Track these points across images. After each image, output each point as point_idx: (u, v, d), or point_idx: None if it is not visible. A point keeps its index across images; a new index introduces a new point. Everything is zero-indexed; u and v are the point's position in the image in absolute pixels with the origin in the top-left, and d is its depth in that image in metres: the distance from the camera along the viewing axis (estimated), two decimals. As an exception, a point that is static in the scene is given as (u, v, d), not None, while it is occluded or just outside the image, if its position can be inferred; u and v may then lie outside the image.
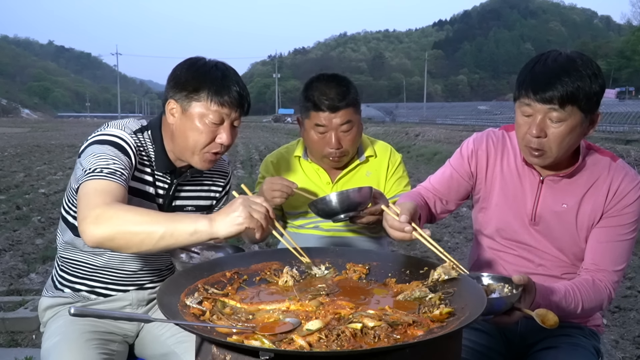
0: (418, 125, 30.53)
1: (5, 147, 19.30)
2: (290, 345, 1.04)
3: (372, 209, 1.84)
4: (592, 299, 1.55)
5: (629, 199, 1.58)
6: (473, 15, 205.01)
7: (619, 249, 1.59)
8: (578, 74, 1.44)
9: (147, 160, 1.68)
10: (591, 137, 11.40)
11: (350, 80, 2.04)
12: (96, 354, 1.58)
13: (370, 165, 2.13)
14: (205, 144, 1.61)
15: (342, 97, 1.93)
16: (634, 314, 3.96)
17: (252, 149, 19.49)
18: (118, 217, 1.34)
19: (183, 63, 1.65)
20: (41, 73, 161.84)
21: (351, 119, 1.96)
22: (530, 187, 1.67)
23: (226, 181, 1.93)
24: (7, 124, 52.43)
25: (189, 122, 1.59)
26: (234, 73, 1.65)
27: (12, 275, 4.60)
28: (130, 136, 1.62)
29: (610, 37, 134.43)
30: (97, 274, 1.77)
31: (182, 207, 1.80)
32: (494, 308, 1.34)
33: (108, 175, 1.46)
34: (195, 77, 1.59)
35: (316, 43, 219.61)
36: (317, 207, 1.82)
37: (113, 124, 1.65)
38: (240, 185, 1.73)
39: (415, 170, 12.99)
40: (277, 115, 70.25)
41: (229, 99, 1.58)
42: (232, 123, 1.63)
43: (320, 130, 1.96)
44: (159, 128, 1.70)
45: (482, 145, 1.77)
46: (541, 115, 1.48)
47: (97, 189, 1.43)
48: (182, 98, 1.60)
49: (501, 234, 1.74)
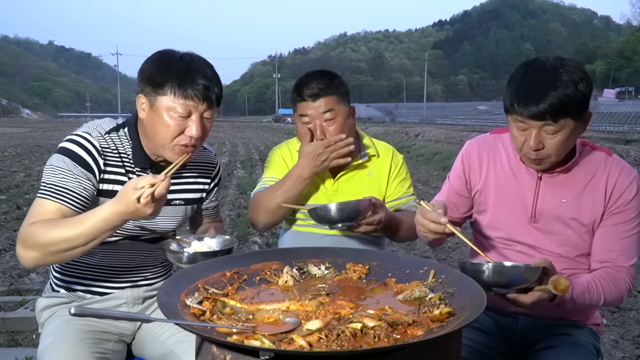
0: (418, 125, 30.55)
1: (6, 147, 19.30)
2: (290, 345, 1.04)
3: (369, 219, 1.85)
4: (613, 291, 1.59)
5: (628, 194, 1.60)
6: (473, 16, 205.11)
7: (628, 244, 1.63)
8: (564, 84, 1.46)
9: (118, 160, 1.66)
10: (591, 138, 11.42)
11: (337, 74, 2.06)
12: (89, 353, 1.57)
13: (372, 165, 2.13)
14: (174, 136, 1.58)
15: (324, 85, 1.96)
16: (633, 314, 3.96)
17: (252, 149, 19.49)
18: (40, 239, 1.44)
19: (151, 57, 1.63)
20: (41, 73, 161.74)
21: (333, 108, 1.96)
22: (529, 185, 1.68)
23: (214, 173, 1.93)
24: (7, 124, 52.38)
25: (156, 116, 1.58)
26: (202, 64, 1.61)
27: (13, 275, 4.60)
28: (97, 139, 1.62)
29: (610, 37, 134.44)
30: (91, 273, 1.77)
31: (170, 201, 1.78)
32: (510, 279, 1.35)
33: (53, 195, 1.53)
34: (160, 71, 1.57)
35: (316, 43, 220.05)
36: (317, 214, 1.83)
37: (86, 126, 1.66)
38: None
39: (415, 170, 12.99)
40: (277, 115, 70.25)
41: (193, 92, 1.55)
42: (202, 115, 1.60)
43: (305, 120, 1.98)
44: (135, 124, 1.69)
45: (473, 152, 1.80)
46: (536, 129, 1.51)
47: (34, 208, 1.53)
48: (150, 92, 1.58)
49: (500, 235, 1.75)
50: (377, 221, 1.86)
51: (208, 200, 1.93)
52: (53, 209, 1.52)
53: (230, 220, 6.88)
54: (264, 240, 5.80)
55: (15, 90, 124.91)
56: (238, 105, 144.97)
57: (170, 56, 1.61)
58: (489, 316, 1.80)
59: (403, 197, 2.13)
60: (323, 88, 1.96)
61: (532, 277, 1.37)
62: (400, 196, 2.13)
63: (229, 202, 8.14)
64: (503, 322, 1.79)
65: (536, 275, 1.37)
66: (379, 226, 1.88)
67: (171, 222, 1.81)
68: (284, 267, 1.48)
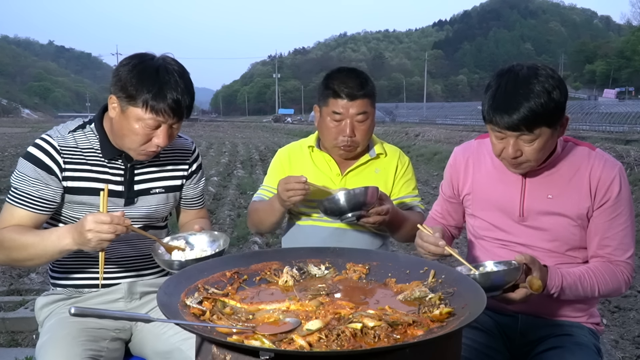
0: (418, 125, 30.56)
1: (6, 147, 19.31)
2: (290, 345, 1.04)
3: (378, 208, 1.86)
4: (609, 282, 1.62)
5: (615, 187, 1.62)
6: (473, 16, 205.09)
7: (623, 237, 1.65)
8: (537, 94, 1.48)
9: (80, 157, 1.71)
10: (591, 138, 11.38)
11: (368, 75, 2.09)
12: (82, 351, 1.58)
13: (379, 162, 2.16)
14: (140, 144, 1.66)
15: (361, 87, 1.99)
16: (633, 314, 3.96)
17: (252, 149, 19.50)
18: (6, 243, 1.60)
19: (128, 61, 1.65)
20: (41, 73, 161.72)
21: (367, 110, 2.01)
22: (515, 185, 1.71)
23: (192, 158, 1.95)
24: (7, 124, 52.37)
25: (125, 122, 1.63)
26: (177, 75, 1.63)
27: (13, 275, 4.59)
28: (56, 139, 1.69)
29: (610, 37, 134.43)
30: (86, 265, 1.79)
31: (149, 190, 1.82)
32: (494, 283, 1.43)
33: (17, 201, 1.66)
34: (134, 83, 1.59)
35: (316, 43, 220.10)
36: (325, 206, 1.85)
37: (53, 129, 1.76)
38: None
39: (415, 170, 12.96)
40: (277, 116, 70.33)
41: (164, 108, 1.60)
42: (171, 126, 1.66)
43: (337, 117, 2.00)
44: (101, 120, 1.75)
45: (459, 159, 1.87)
46: (513, 138, 1.55)
47: (4, 213, 1.67)
48: (122, 98, 1.62)
49: (493, 235, 1.78)
50: (385, 211, 1.88)
51: (187, 186, 1.95)
52: (18, 216, 1.66)
53: (231, 220, 6.88)
54: (264, 240, 5.80)
55: (15, 90, 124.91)
56: (238, 105, 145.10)
57: (146, 67, 1.62)
58: (489, 316, 1.80)
59: (407, 196, 2.15)
60: (362, 90, 1.99)
61: (514, 277, 1.45)
62: (404, 195, 2.15)
63: (229, 202, 8.14)
64: (503, 322, 1.79)
65: (517, 274, 1.45)
66: (387, 216, 1.89)
67: (155, 211, 1.84)
68: (284, 267, 1.48)
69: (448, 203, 1.94)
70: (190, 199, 1.99)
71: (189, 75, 1.69)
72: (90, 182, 1.71)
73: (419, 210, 2.13)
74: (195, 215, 2.03)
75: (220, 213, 7.22)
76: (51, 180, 1.67)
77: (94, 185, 1.71)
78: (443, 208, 1.97)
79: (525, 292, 1.47)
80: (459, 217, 1.95)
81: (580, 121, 25.75)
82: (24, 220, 1.65)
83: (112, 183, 1.73)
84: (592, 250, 1.68)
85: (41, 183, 1.66)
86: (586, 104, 34.79)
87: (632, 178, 9.32)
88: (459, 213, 1.94)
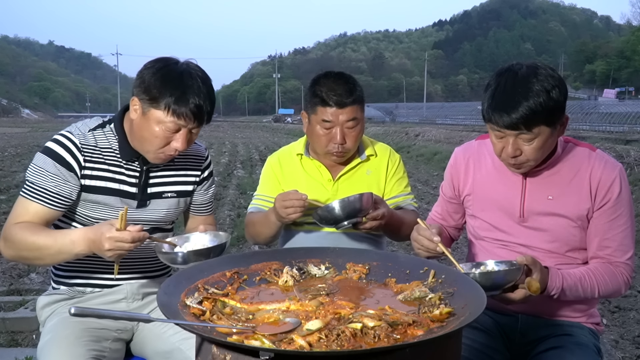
0: (418, 125, 30.53)
1: (6, 147, 19.30)
2: (290, 345, 1.04)
3: (374, 214, 1.85)
4: (608, 283, 1.63)
5: (615, 188, 1.62)
6: (473, 16, 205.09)
7: (623, 239, 1.65)
8: (536, 93, 1.49)
9: (99, 156, 1.71)
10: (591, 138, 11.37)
11: (356, 79, 2.07)
12: (85, 351, 1.58)
13: (370, 164, 2.14)
14: (159, 147, 1.66)
15: (350, 93, 1.96)
16: (633, 314, 3.96)
17: (252, 149, 19.50)
18: (18, 241, 1.59)
19: (152, 64, 1.66)
20: (41, 73, 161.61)
21: (357, 117, 1.99)
22: (515, 185, 1.71)
23: (204, 165, 1.96)
24: (7, 124, 52.36)
25: (146, 124, 1.64)
26: (201, 82, 1.64)
27: (13, 275, 4.60)
28: (77, 137, 1.68)
29: (610, 37, 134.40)
30: (90, 264, 1.79)
31: (161, 194, 1.82)
32: (494, 282, 1.44)
33: (33, 195, 1.64)
34: (157, 86, 1.60)
35: (316, 43, 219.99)
36: (320, 215, 1.83)
37: (72, 125, 1.75)
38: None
39: (415, 170, 13.00)
40: (277, 116, 70.28)
41: (186, 112, 1.61)
42: (190, 130, 1.67)
43: (327, 125, 1.98)
44: (121, 120, 1.75)
45: (459, 160, 1.86)
46: (512, 137, 1.55)
47: (17, 207, 1.66)
48: (144, 100, 1.63)
49: (493, 236, 1.78)
50: (380, 215, 1.87)
51: (198, 192, 1.95)
52: (33, 210, 1.64)
53: (231, 220, 6.89)
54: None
55: (15, 90, 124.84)
56: (238, 105, 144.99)
57: (170, 71, 1.63)
58: (489, 316, 1.80)
59: (400, 195, 2.15)
60: (350, 96, 1.96)
61: (514, 277, 1.45)
62: (397, 194, 2.14)
63: (229, 202, 8.14)
64: (503, 322, 1.79)
65: (518, 275, 1.45)
66: (382, 221, 1.89)
67: (165, 215, 1.84)
68: (284, 267, 1.48)
69: (448, 204, 1.94)
70: (199, 205, 1.99)
71: (211, 81, 1.70)
72: (106, 182, 1.72)
73: (412, 209, 2.13)
74: (202, 222, 2.02)
75: (220, 213, 7.22)
76: (70, 177, 1.66)
77: (110, 185, 1.72)
78: (443, 209, 1.97)
79: (525, 293, 1.47)
80: (458, 218, 1.95)
81: (580, 121, 25.74)
82: (38, 215, 1.64)
83: (126, 184, 1.74)
84: (592, 251, 1.68)
85: (60, 179, 1.65)
86: (586, 104, 34.78)
87: (632, 178, 9.32)
88: (459, 214, 1.94)
